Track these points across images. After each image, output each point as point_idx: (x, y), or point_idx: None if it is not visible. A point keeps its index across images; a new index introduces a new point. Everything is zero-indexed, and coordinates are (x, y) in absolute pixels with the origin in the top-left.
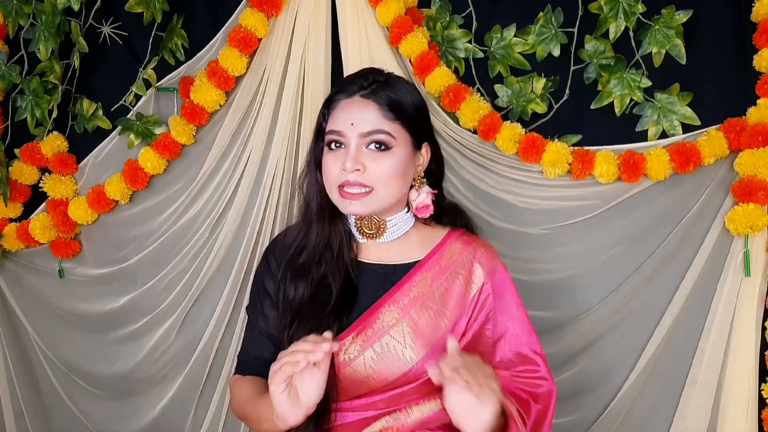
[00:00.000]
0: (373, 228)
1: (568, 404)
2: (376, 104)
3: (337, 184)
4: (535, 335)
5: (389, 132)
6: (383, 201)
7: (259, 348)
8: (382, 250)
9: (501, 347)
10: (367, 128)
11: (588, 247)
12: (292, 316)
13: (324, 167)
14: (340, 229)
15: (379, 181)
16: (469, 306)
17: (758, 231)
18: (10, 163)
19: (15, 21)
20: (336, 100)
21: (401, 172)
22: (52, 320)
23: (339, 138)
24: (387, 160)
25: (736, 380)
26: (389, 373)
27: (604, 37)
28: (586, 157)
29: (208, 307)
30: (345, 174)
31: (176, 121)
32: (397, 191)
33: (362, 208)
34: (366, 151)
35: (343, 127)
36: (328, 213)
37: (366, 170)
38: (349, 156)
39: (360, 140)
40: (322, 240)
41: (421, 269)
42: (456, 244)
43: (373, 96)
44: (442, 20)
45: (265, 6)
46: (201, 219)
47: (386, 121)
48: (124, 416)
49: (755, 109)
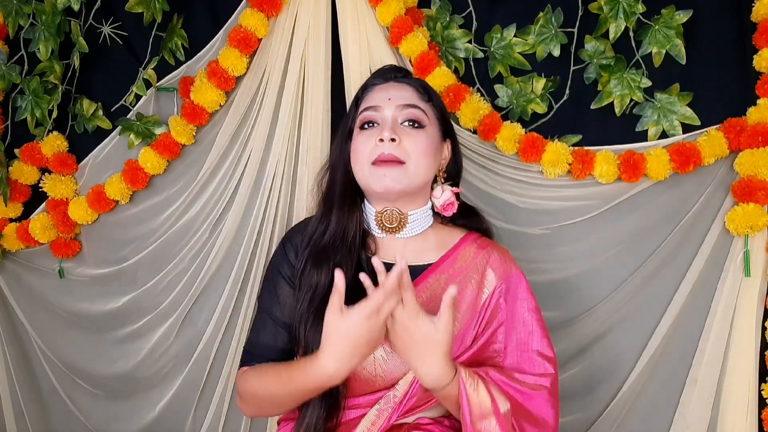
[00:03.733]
0: (394, 221)
1: (568, 404)
2: (411, 86)
3: (370, 160)
4: (547, 339)
5: (424, 110)
6: (414, 177)
7: (273, 337)
8: (398, 247)
9: (511, 352)
10: (404, 101)
11: (588, 247)
12: (319, 302)
13: (355, 147)
14: (356, 221)
15: (412, 155)
16: (480, 311)
17: (758, 231)
18: (10, 163)
19: (15, 21)
20: (371, 85)
21: (433, 152)
22: (52, 320)
23: (374, 114)
24: (421, 137)
25: (736, 380)
26: (398, 372)
27: (604, 37)
28: (586, 157)
29: (208, 307)
30: (380, 146)
31: (176, 121)
32: (426, 171)
33: (394, 182)
34: (401, 127)
35: (381, 102)
36: (350, 201)
37: (401, 143)
38: (386, 125)
39: (396, 113)
40: (341, 226)
41: (435, 272)
42: (470, 248)
43: (407, 80)
44: (442, 20)
45: (265, 6)
46: (201, 219)
47: (421, 101)
48: (124, 416)
49: (755, 109)
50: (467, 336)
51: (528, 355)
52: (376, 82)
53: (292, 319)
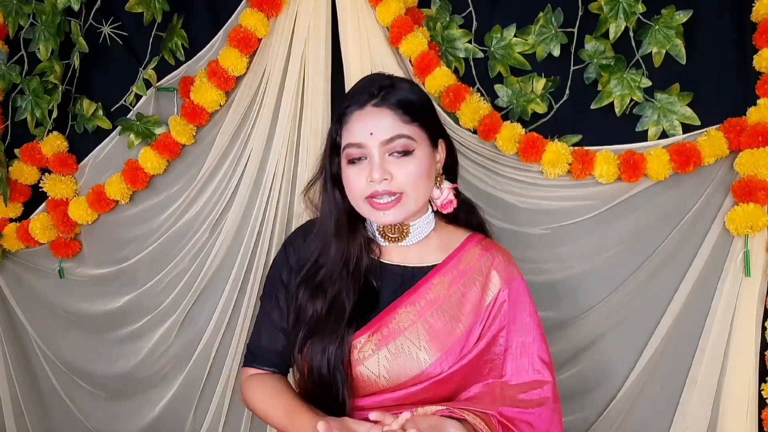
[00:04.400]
0: (396, 232)
1: (568, 404)
2: (390, 110)
3: (364, 197)
4: (546, 344)
5: (409, 135)
6: (414, 204)
7: (273, 339)
8: (401, 252)
9: (511, 355)
10: (387, 135)
11: (588, 247)
12: (310, 331)
13: (347, 182)
14: (359, 240)
15: (408, 186)
16: (484, 313)
17: (758, 231)
18: (10, 163)
19: (15, 21)
20: (348, 113)
21: (426, 173)
22: (52, 320)
23: (359, 151)
24: (411, 164)
25: (736, 380)
26: (402, 373)
27: (604, 37)
28: (586, 157)
29: (208, 307)
30: (373, 185)
31: (176, 121)
32: (425, 192)
33: (395, 217)
34: (389, 159)
35: (363, 138)
36: (347, 228)
37: (393, 178)
38: (375, 166)
39: (382, 148)
40: (340, 256)
41: (439, 273)
42: (475, 249)
43: (385, 102)
44: (442, 20)
45: (265, 6)
46: (201, 219)
47: (404, 125)
48: (124, 416)
49: (755, 109)
50: (472, 335)
51: (528, 360)
52: (353, 109)
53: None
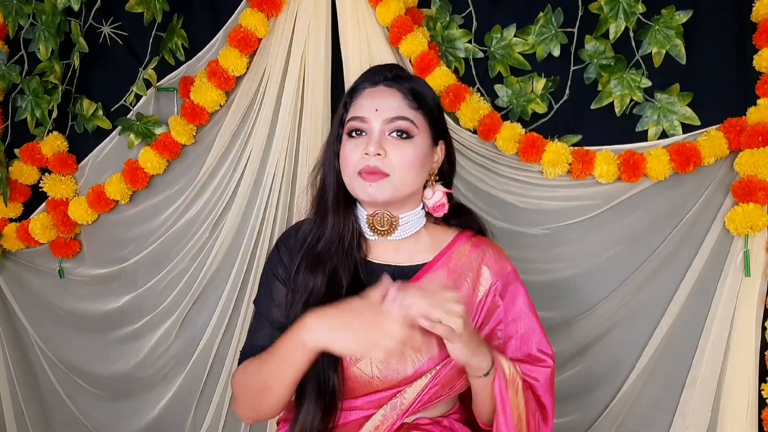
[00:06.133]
0: (386, 225)
1: (568, 404)
2: (400, 92)
3: (356, 170)
4: (545, 336)
5: (412, 120)
6: (399, 187)
7: (269, 338)
8: (391, 249)
9: (510, 348)
10: (392, 114)
11: (588, 247)
12: (305, 307)
13: (343, 154)
14: (352, 224)
15: (398, 168)
16: (476, 309)
17: (758, 231)
18: (10, 163)
19: (15, 21)
20: (360, 89)
21: (420, 162)
22: (52, 320)
23: (361, 125)
24: (408, 148)
25: (736, 380)
26: (395, 372)
27: (604, 37)
28: (586, 157)
29: (208, 307)
30: (366, 159)
31: (176, 121)
32: (413, 181)
33: (379, 192)
34: (388, 138)
35: (367, 113)
36: (344, 205)
37: (387, 156)
38: (372, 140)
39: (383, 126)
40: (337, 231)
41: (430, 271)
42: (465, 246)
43: (397, 84)
44: (442, 20)
45: (265, 6)
46: (201, 219)
47: (409, 109)
48: (124, 416)
49: (755, 109)
50: None
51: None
52: (365, 86)
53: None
